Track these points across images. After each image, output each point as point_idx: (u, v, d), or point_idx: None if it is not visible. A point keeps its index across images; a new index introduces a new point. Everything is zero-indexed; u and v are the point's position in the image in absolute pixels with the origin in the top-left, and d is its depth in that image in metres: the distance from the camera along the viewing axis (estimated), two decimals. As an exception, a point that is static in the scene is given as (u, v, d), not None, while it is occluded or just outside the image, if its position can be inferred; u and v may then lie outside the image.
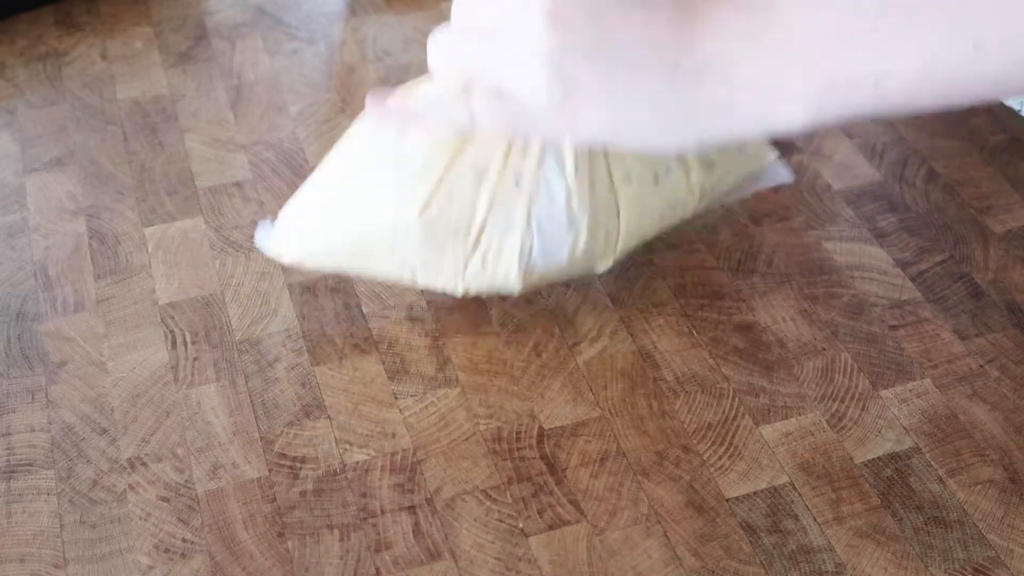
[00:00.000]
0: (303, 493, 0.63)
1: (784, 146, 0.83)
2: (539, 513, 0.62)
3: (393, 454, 0.64)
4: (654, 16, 0.49)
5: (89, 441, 0.65)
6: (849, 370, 0.68)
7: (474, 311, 0.72)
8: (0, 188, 0.80)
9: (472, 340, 0.70)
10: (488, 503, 0.62)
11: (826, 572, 0.59)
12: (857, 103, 0.47)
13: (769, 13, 0.48)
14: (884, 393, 0.67)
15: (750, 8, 0.49)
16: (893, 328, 0.71)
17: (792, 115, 0.48)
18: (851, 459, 0.64)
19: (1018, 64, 0.44)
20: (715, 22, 0.49)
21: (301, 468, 0.64)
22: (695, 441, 0.65)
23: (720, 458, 0.64)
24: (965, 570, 0.59)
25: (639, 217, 0.68)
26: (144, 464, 0.64)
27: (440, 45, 0.55)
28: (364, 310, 0.72)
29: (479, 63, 0.53)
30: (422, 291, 0.73)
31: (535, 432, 0.65)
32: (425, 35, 0.93)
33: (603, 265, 0.69)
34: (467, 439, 0.65)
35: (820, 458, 0.64)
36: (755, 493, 0.62)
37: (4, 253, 0.75)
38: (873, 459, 0.64)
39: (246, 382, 0.68)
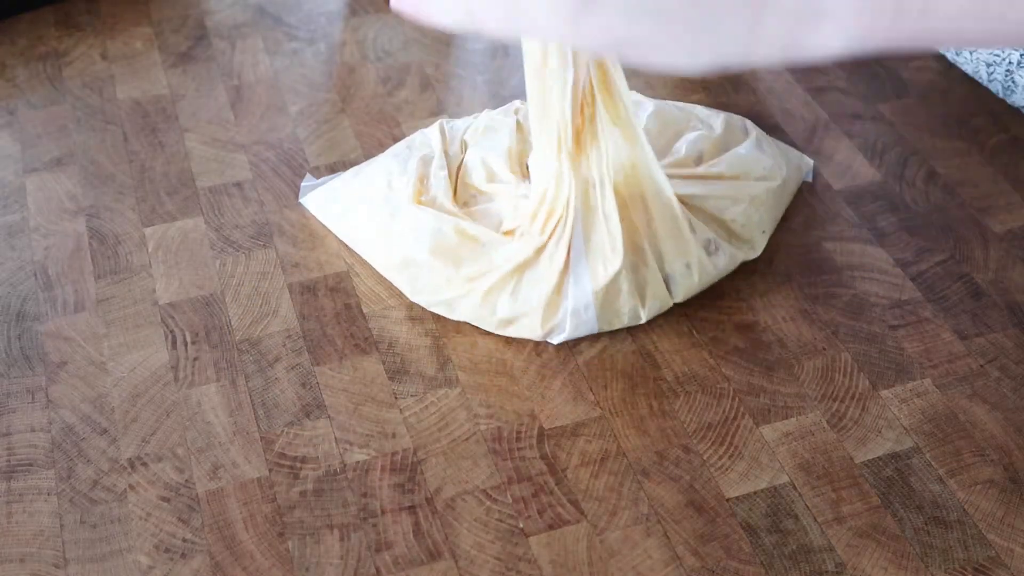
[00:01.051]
0: (303, 493, 0.63)
1: (786, 146, 0.83)
2: (539, 513, 0.62)
3: (393, 454, 0.64)
4: None
5: (89, 441, 0.65)
6: (849, 370, 0.68)
7: (474, 311, 0.72)
8: (0, 188, 0.80)
9: (472, 340, 0.70)
10: (488, 503, 0.62)
11: (826, 572, 0.59)
12: (899, 33, 0.43)
13: None
14: (884, 393, 0.67)
15: None
16: (893, 328, 0.71)
17: (827, 43, 0.43)
18: (851, 459, 0.64)
19: None
20: None
21: (301, 468, 0.64)
22: (695, 441, 0.65)
23: (720, 458, 0.64)
24: (965, 570, 0.59)
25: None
26: (144, 464, 0.64)
27: None
28: (364, 310, 0.72)
29: None
30: (422, 291, 0.73)
31: (535, 432, 0.65)
32: (425, 35, 0.93)
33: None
34: (467, 439, 0.65)
35: (820, 458, 0.64)
36: (755, 493, 0.62)
37: (4, 253, 0.75)
38: (873, 459, 0.64)
39: (246, 382, 0.68)
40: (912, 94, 0.87)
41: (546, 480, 0.63)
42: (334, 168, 0.81)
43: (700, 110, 0.79)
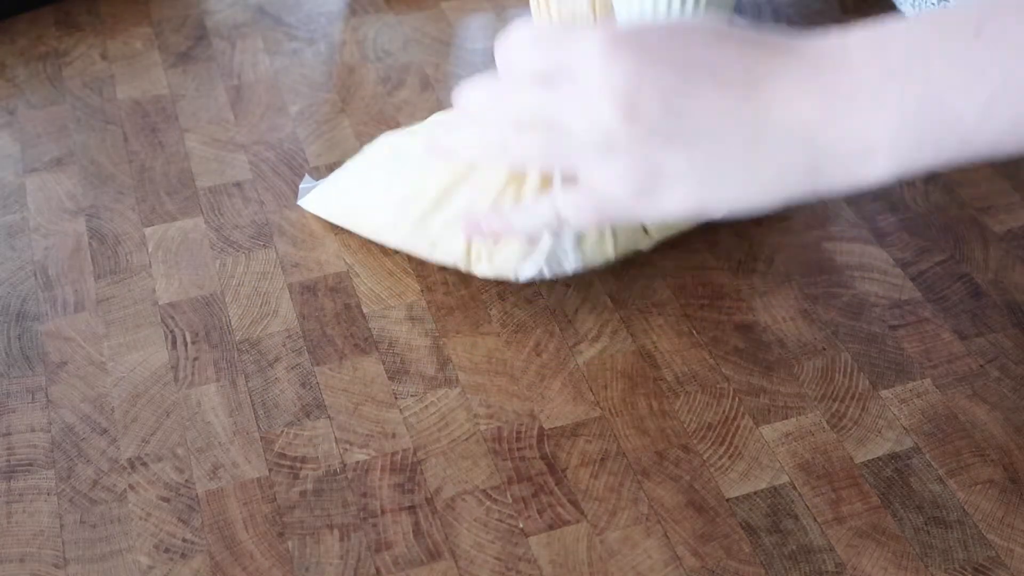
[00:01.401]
0: (303, 493, 0.63)
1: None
2: (539, 513, 0.62)
3: (393, 454, 0.64)
4: (725, 89, 0.49)
5: (89, 441, 0.65)
6: (849, 370, 0.68)
7: (474, 311, 0.72)
8: (0, 188, 0.80)
9: (472, 340, 0.70)
10: (488, 503, 0.62)
11: (826, 572, 0.59)
12: (942, 153, 0.47)
13: (840, 70, 0.48)
14: (884, 393, 0.67)
15: (820, 66, 0.48)
16: (893, 328, 0.71)
17: (876, 173, 0.48)
18: (851, 459, 0.64)
19: None
20: (787, 88, 0.48)
21: (301, 468, 0.64)
22: (695, 441, 0.65)
23: (720, 458, 0.64)
24: (965, 570, 0.59)
25: None
26: (144, 464, 0.64)
27: (496, 140, 0.55)
28: (364, 310, 0.72)
29: (549, 157, 0.53)
30: (422, 291, 0.73)
31: (535, 432, 0.65)
32: (425, 35, 0.93)
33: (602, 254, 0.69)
34: (467, 439, 0.65)
35: (820, 458, 0.64)
36: (755, 493, 0.63)
37: (4, 253, 0.75)
38: (873, 459, 0.64)
39: (246, 382, 0.68)
40: (912, 94, 0.87)
41: (546, 480, 0.63)
42: (334, 168, 0.81)
43: None
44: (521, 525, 0.61)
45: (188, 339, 0.70)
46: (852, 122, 0.47)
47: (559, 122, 0.51)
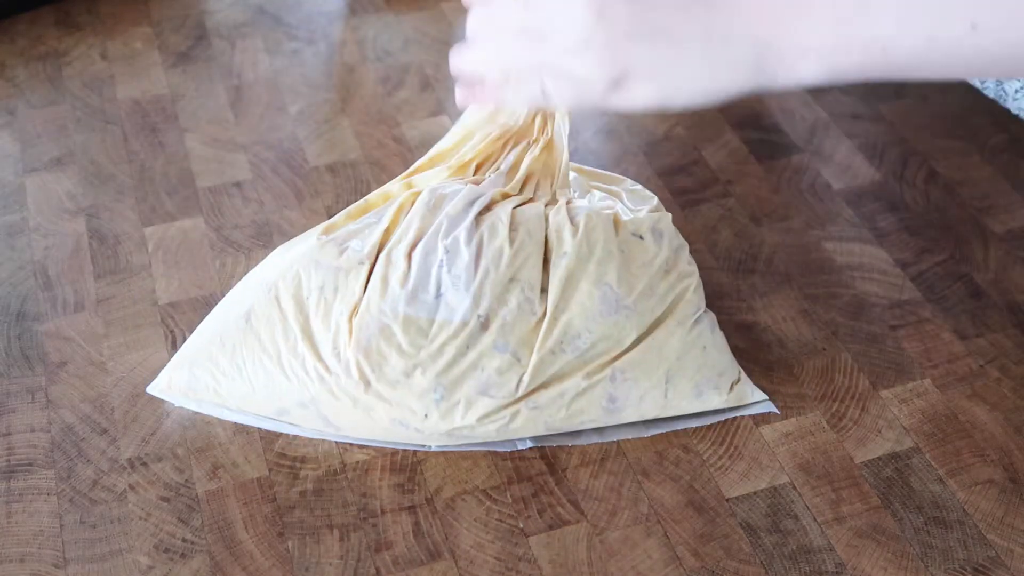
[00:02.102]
0: (303, 493, 0.63)
1: (785, 146, 0.83)
2: (539, 513, 0.62)
3: (393, 454, 0.64)
4: None
5: (89, 441, 0.65)
6: (849, 370, 0.68)
7: (474, 311, 0.71)
8: (0, 188, 0.80)
9: (472, 340, 0.70)
10: (488, 503, 0.62)
11: (826, 572, 0.59)
12: (868, 66, 0.53)
13: None
14: (884, 393, 0.67)
15: None
16: (893, 328, 0.71)
17: (810, 72, 0.54)
18: (851, 459, 0.64)
19: (1011, 46, 0.50)
20: None
21: (301, 468, 0.64)
22: (695, 441, 0.65)
23: (720, 458, 0.64)
24: (965, 570, 0.59)
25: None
26: (144, 464, 0.64)
27: (478, 55, 0.61)
28: (364, 310, 0.72)
29: (530, 62, 0.59)
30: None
31: (535, 432, 0.65)
32: (425, 35, 0.93)
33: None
34: (467, 439, 0.65)
35: (820, 458, 0.64)
36: (755, 493, 0.62)
37: (4, 253, 0.75)
38: (873, 459, 0.64)
39: (246, 382, 0.68)
40: (911, 94, 0.87)
41: (546, 480, 0.63)
42: (333, 168, 0.81)
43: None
44: (521, 525, 0.61)
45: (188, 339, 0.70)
46: (789, 24, 0.53)
47: (541, 30, 0.57)
